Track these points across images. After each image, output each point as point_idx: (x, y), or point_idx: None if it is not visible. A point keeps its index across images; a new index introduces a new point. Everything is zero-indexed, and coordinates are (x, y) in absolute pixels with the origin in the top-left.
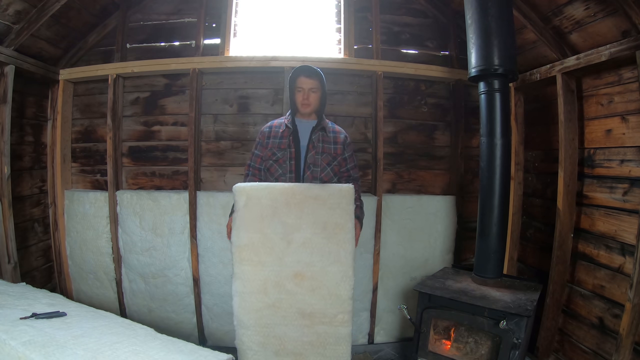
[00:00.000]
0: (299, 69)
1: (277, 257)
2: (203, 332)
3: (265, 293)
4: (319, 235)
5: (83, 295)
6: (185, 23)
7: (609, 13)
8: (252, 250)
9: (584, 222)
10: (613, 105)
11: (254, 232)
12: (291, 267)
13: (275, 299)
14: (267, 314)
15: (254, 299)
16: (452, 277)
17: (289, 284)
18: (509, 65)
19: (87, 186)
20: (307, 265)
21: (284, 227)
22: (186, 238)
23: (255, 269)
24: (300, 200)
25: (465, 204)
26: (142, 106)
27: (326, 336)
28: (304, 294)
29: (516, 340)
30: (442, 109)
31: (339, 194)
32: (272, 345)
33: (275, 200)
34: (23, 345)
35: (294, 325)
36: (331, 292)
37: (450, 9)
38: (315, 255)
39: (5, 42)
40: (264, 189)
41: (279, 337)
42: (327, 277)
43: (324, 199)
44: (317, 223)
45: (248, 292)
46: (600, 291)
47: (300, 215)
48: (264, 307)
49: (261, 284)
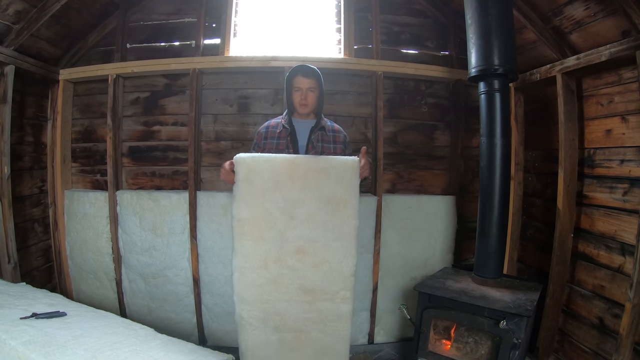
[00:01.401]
0: (296, 69)
1: (278, 231)
2: (203, 332)
3: (266, 268)
4: (322, 209)
5: (83, 295)
6: (185, 23)
7: (609, 13)
8: (253, 225)
9: (584, 222)
10: (613, 105)
11: (255, 206)
12: (293, 242)
13: (276, 274)
14: (268, 289)
15: (255, 275)
16: (452, 277)
17: (290, 260)
18: (509, 65)
19: (87, 186)
20: (309, 241)
21: (286, 201)
22: (186, 238)
23: (257, 244)
24: (303, 172)
25: (465, 204)
26: (142, 106)
27: (327, 313)
28: (306, 270)
29: (516, 340)
30: (442, 109)
31: (343, 167)
32: (272, 320)
33: (277, 173)
34: (23, 345)
35: (294, 302)
36: (333, 268)
37: (450, 9)
38: (318, 230)
39: (5, 42)
40: (265, 161)
41: (279, 313)
42: (330, 253)
43: (328, 171)
44: (320, 197)
45: (249, 267)
46: (600, 291)
47: (303, 189)
48: (264, 283)
49: (262, 259)
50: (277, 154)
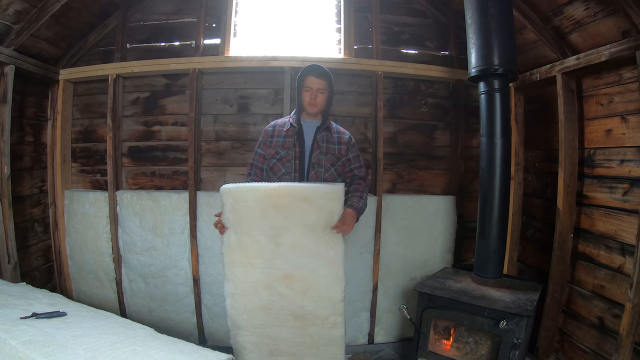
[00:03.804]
0: (309, 68)
1: (266, 259)
2: (203, 332)
3: (257, 294)
4: (309, 236)
5: (83, 295)
6: (185, 23)
7: (609, 13)
8: (242, 252)
9: (584, 222)
10: (613, 105)
11: (243, 234)
12: (281, 269)
13: (266, 300)
14: (260, 315)
15: (246, 301)
16: (452, 277)
17: (279, 286)
18: (509, 65)
19: (87, 186)
20: (296, 268)
21: (272, 229)
22: (186, 238)
23: (246, 271)
24: (288, 202)
25: (465, 204)
26: (142, 106)
27: (319, 337)
28: (295, 296)
29: (516, 340)
30: (442, 109)
31: (327, 196)
32: (266, 345)
33: (262, 201)
34: (23, 345)
35: (286, 327)
36: (322, 294)
37: (450, 9)
38: (305, 257)
39: (5, 42)
40: (249, 190)
41: (272, 338)
42: (318, 280)
43: (312, 200)
44: (306, 224)
45: (239, 294)
46: (600, 291)
47: (289, 217)
48: (256, 309)
49: (252, 285)
50: (260, 184)
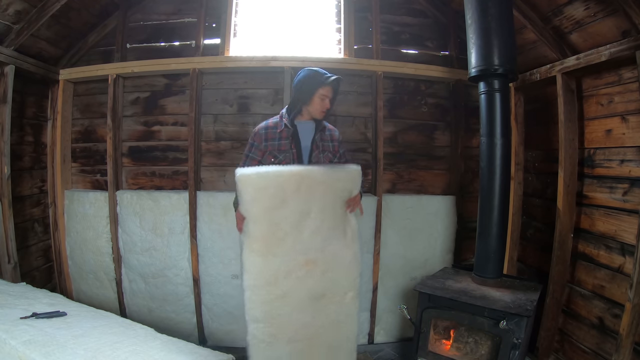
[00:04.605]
0: (329, 79)
1: (288, 246)
2: (203, 332)
3: (276, 284)
4: (329, 219)
5: (83, 295)
6: (185, 23)
7: (609, 13)
8: (263, 242)
9: (584, 222)
10: (613, 105)
11: (263, 223)
12: (302, 254)
13: (286, 288)
14: (278, 304)
15: (265, 292)
16: (452, 277)
17: (300, 272)
18: (509, 65)
19: (87, 186)
20: (317, 251)
21: (293, 214)
22: (186, 238)
23: (266, 260)
24: (309, 185)
25: (465, 204)
26: (142, 106)
27: (337, 315)
28: (315, 280)
29: (516, 340)
30: (442, 109)
31: (346, 177)
32: (284, 334)
33: (284, 187)
34: (23, 345)
35: (305, 312)
36: (341, 273)
37: (450, 9)
38: (326, 240)
39: (5, 42)
40: (272, 177)
41: (290, 325)
42: (338, 261)
43: (332, 182)
44: (326, 207)
45: (259, 285)
46: (600, 291)
47: (309, 200)
48: (275, 299)
49: (272, 274)
50: (282, 167)
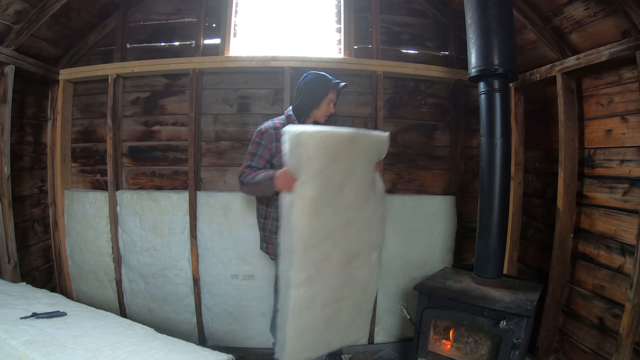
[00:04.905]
0: (339, 85)
1: (333, 206)
2: (203, 332)
3: (321, 245)
4: (366, 181)
5: (83, 295)
6: (185, 23)
7: (609, 13)
8: (313, 202)
9: (584, 222)
10: (613, 105)
11: (316, 182)
12: (344, 214)
13: (329, 249)
14: (321, 267)
15: (312, 253)
16: (452, 277)
17: (340, 232)
18: (509, 65)
19: (87, 186)
20: (356, 212)
21: (340, 175)
22: (186, 238)
23: (315, 221)
24: (354, 146)
25: (465, 204)
26: (142, 106)
27: (363, 276)
28: (351, 240)
29: (516, 340)
30: (442, 109)
31: (379, 141)
32: (321, 298)
33: (336, 148)
34: (23, 345)
35: (340, 274)
36: (371, 234)
37: (450, 9)
38: (363, 200)
39: (5, 42)
40: (329, 137)
41: (328, 289)
42: (370, 221)
43: (369, 145)
44: (364, 169)
45: (309, 246)
46: (600, 291)
47: (353, 162)
48: (319, 261)
49: (319, 235)
50: (335, 128)
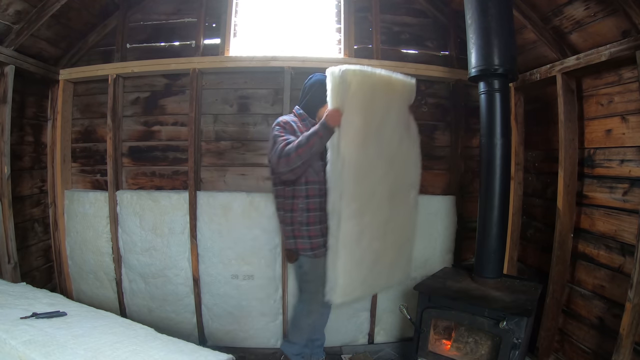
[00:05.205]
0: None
1: (375, 142)
2: (203, 332)
3: (367, 179)
4: (402, 120)
5: (83, 295)
6: (185, 23)
7: (609, 13)
8: (359, 134)
9: (584, 222)
10: (613, 105)
11: (361, 116)
12: (385, 151)
13: (374, 184)
14: (367, 200)
15: (360, 185)
16: (452, 277)
17: (382, 168)
18: (509, 65)
19: (87, 186)
20: (395, 148)
21: (379, 113)
22: (186, 238)
23: (362, 153)
24: (392, 86)
25: (465, 204)
26: (142, 106)
27: (404, 213)
28: (392, 177)
29: (516, 340)
30: (442, 109)
31: (411, 87)
32: (369, 232)
33: (374, 85)
34: (23, 345)
35: (383, 210)
36: (409, 171)
37: (450, 9)
38: (400, 138)
39: (5, 42)
40: (372, 75)
41: (374, 223)
42: (407, 159)
43: (404, 86)
44: (400, 108)
45: (357, 177)
46: (600, 291)
47: (391, 100)
48: (365, 194)
49: (365, 168)
50: (376, 68)
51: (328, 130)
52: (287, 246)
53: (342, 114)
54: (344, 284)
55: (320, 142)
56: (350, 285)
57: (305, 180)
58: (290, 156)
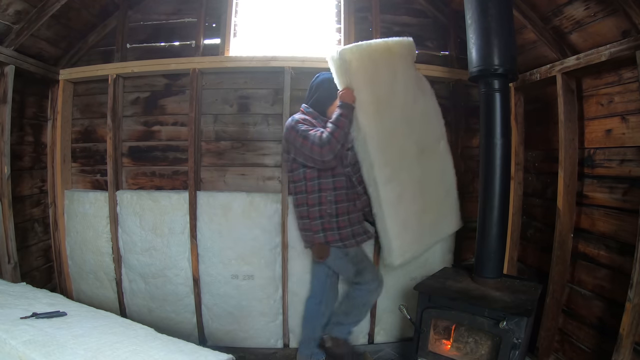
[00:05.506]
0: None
1: (389, 106)
2: (203, 332)
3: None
4: (411, 81)
5: (83, 295)
6: (185, 23)
7: (609, 13)
8: (373, 105)
9: (584, 222)
10: (613, 105)
11: (368, 89)
12: (402, 112)
13: (400, 146)
14: (398, 164)
15: (387, 151)
16: (452, 277)
17: (403, 129)
18: (509, 65)
19: (87, 186)
20: (411, 108)
21: (386, 79)
22: (186, 238)
23: (380, 123)
24: (390, 54)
25: (465, 204)
26: (142, 106)
27: (437, 167)
28: (416, 134)
29: (516, 340)
30: (442, 109)
31: (409, 45)
32: (408, 193)
33: (372, 56)
34: (23, 345)
35: (416, 168)
36: (432, 125)
37: (450, 9)
38: (415, 99)
39: (5, 42)
40: (364, 48)
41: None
42: (427, 115)
43: (401, 51)
44: (407, 71)
45: (376, 146)
46: (600, 291)
47: (394, 66)
48: (395, 158)
49: (382, 133)
50: (374, 40)
51: (348, 107)
52: (317, 241)
53: (353, 91)
54: (398, 245)
55: (347, 121)
56: (403, 246)
57: (332, 173)
58: (331, 142)
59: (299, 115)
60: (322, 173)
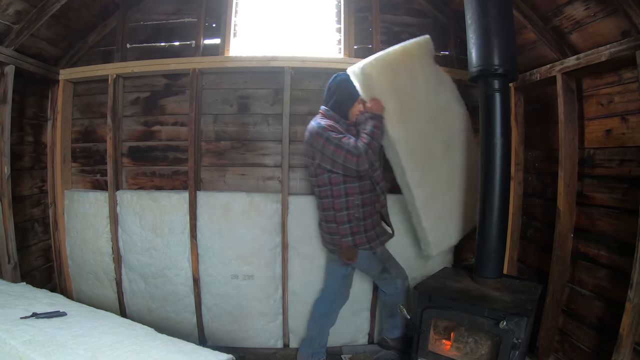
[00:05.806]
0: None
1: (414, 110)
2: (203, 332)
3: (417, 147)
4: (432, 80)
5: (83, 295)
6: (185, 23)
7: (609, 13)
8: (399, 114)
9: (584, 222)
10: (613, 105)
11: (394, 97)
12: (427, 113)
13: (428, 146)
14: (427, 164)
15: (416, 154)
16: (452, 277)
17: (430, 130)
18: (509, 65)
19: (87, 186)
20: (435, 107)
21: (408, 85)
22: (186, 238)
23: (402, 128)
24: (409, 57)
25: None
26: (142, 106)
27: (460, 161)
28: (441, 132)
29: (516, 340)
30: None
31: (426, 43)
32: (438, 189)
33: (392, 65)
34: (23, 345)
35: (444, 163)
36: (455, 122)
37: (450, 9)
38: (437, 96)
39: (5, 42)
40: (383, 59)
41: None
42: (450, 111)
43: (419, 51)
44: (427, 70)
45: (406, 152)
46: (600, 291)
47: (414, 68)
48: (423, 158)
49: (410, 138)
50: (384, 50)
51: (380, 119)
52: (345, 244)
53: (381, 100)
54: (434, 238)
55: (380, 132)
56: (438, 238)
57: (358, 177)
58: (368, 153)
59: (322, 120)
60: (348, 178)
